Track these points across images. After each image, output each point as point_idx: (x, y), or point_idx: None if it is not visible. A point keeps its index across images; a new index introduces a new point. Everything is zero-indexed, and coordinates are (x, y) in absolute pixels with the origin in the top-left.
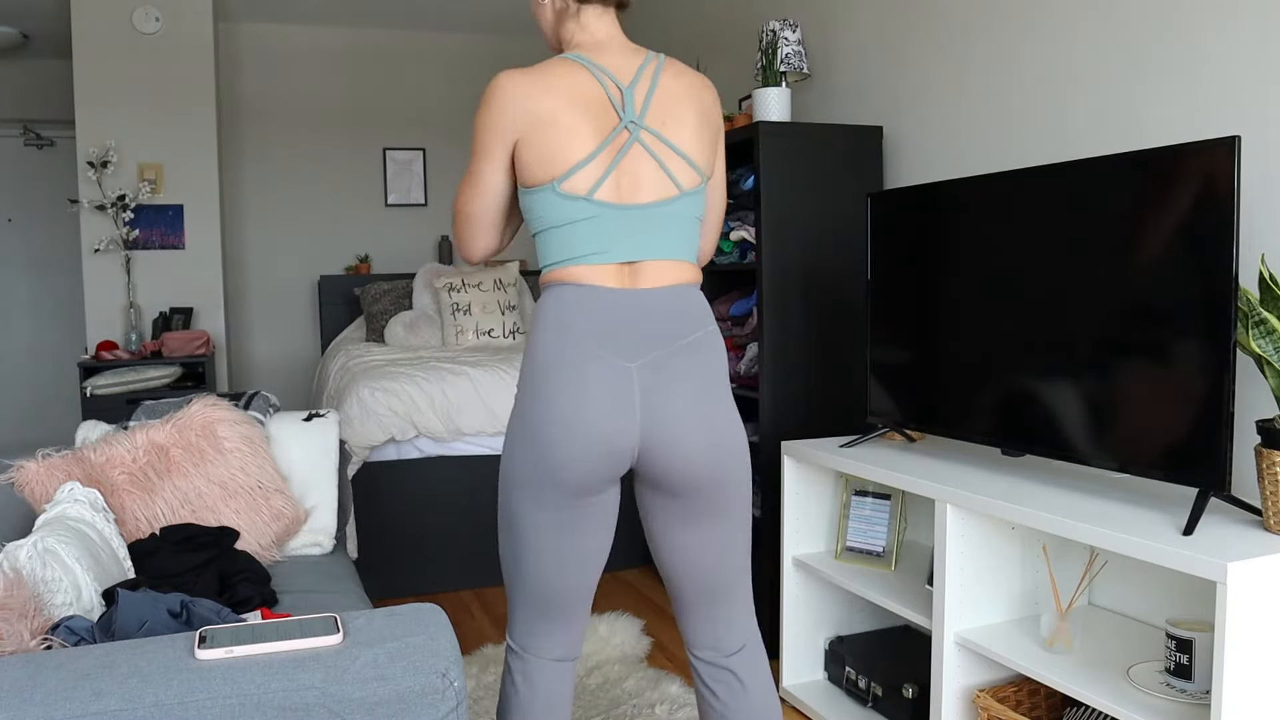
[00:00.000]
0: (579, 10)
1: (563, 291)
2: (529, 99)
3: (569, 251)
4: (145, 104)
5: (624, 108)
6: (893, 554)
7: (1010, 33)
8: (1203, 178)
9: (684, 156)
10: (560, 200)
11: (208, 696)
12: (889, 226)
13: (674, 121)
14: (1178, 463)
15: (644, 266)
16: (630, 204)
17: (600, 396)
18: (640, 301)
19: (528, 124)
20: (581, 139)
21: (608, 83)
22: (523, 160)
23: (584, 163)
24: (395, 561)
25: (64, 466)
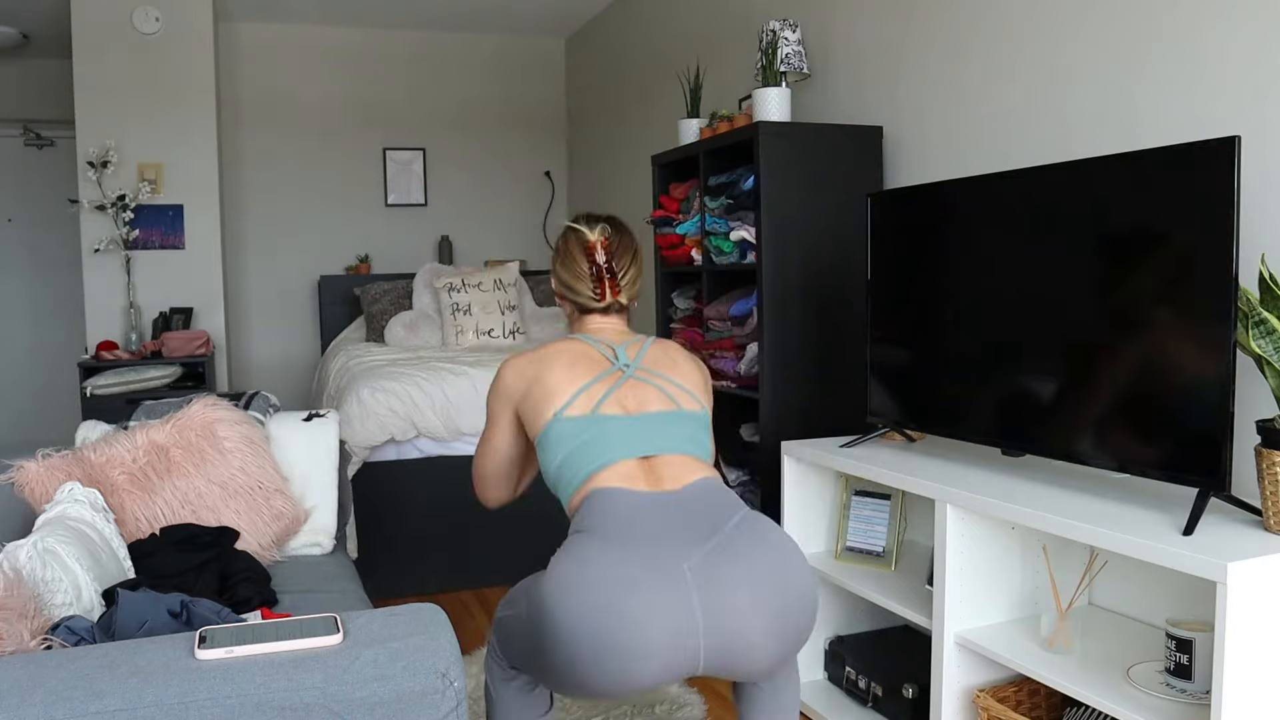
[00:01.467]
0: (582, 317)
1: (594, 500)
2: (527, 367)
3: (587, 464)
4: (145, 104)
5: (616, 359)
6: (893, 554)
7: (1010, 33)
8: (1203, 178)
9: (680, 385)
10: (568, 424)
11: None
12: (889, 226)
13: (665, 366)
14: (1178, 463)
15: (662, 463)
16: (637, 414)
17: (659, 608)
18: (673, 501)
19: (526, 385)
20: (577, 376)
21: (601, 346)
22: (527, 413)
23: (581, 390)
24: (395, 561)
25: (64, 466)
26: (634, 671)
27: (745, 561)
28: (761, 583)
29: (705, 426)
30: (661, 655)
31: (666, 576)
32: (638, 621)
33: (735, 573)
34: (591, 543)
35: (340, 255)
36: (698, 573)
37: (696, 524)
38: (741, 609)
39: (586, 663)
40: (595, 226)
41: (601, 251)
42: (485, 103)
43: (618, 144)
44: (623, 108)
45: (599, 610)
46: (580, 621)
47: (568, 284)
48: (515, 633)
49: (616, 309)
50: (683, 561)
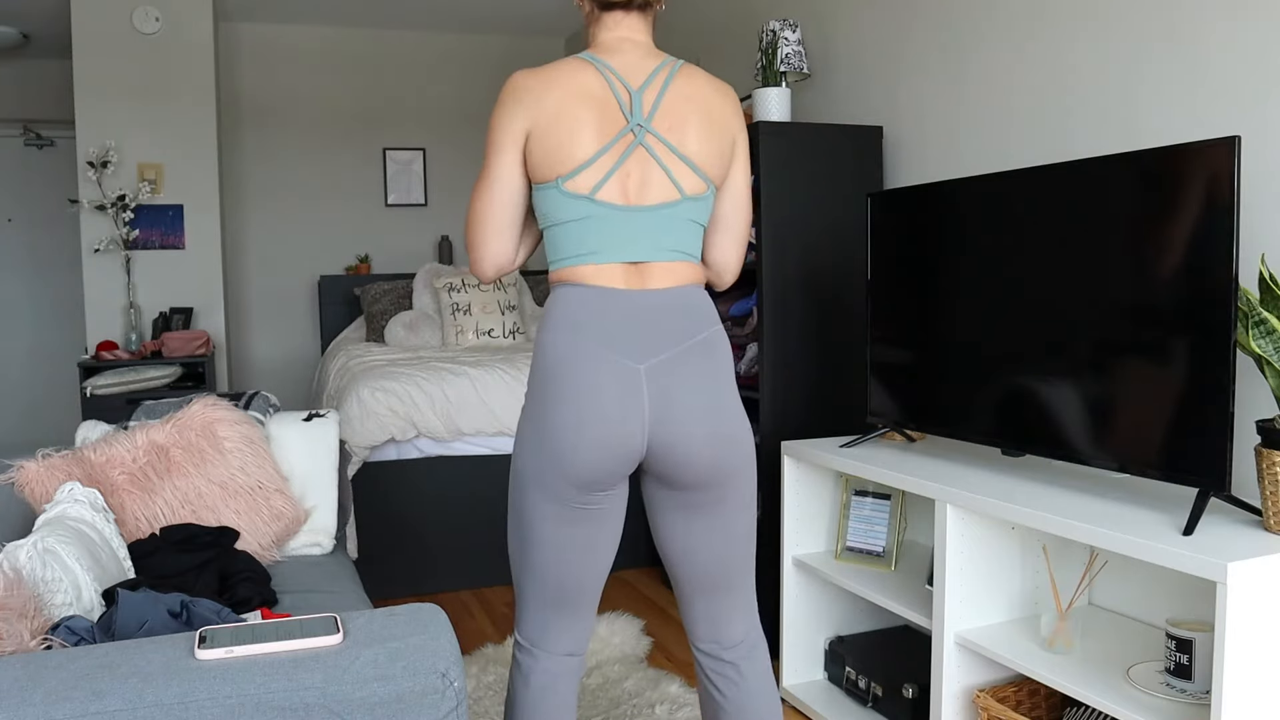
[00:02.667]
0: (600, 15)
1: (570, 292)
2: (536, 95)
3: (575, 249)
4: (145, 104)
5: (631, 110)
6: (893, 554)
7: (1010, 33)
8: (1203, 178)
9: (688, 162)
10: (564, 198)
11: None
12: (889, 226)
13: (681, 126)
14: (1178, 463)
15: (650, 267)
16: (635, 205)
17: (610, 398)
18: (647, 302)
19: (535, 120)
20: (586, 138)
21: (616, 84)
22: (532, 158)
23: (587, 163)
24: (395, 561)
25: (64, 466)
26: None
27: (691, 377)
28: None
29: (709, 208)
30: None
31: (622, 372)
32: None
33: (682, 384)
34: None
35: (340, 255)
36: (651, 373)
37: (661, 330)
38: (680, 413)
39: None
40: None
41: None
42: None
43: None
44: None
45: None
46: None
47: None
48: (511, 498)
49: (640, 4)
50: (640, 363)
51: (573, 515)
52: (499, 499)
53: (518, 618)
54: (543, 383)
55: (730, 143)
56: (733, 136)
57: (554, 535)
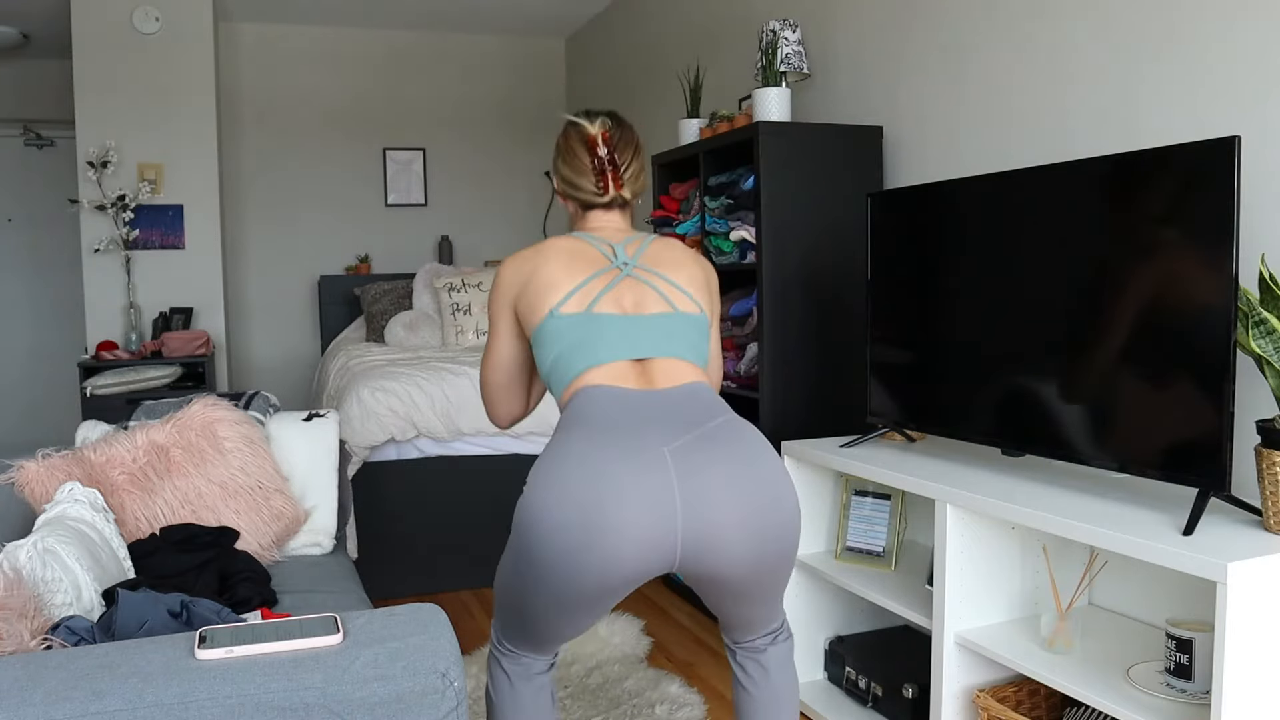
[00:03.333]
0: (584, 213)
1: (582, 395)
2: (524, 263)
3: (579, 362)
4: (145, 104)
5: (615, 256)
6: (893, 554)
7: (1010, 33)
8: (1203, 178)
9: (678, 286)
10: (562, 322)
11: (208, 696)
12: (889, 226)
13: (666, 264)
14: (1178, 463)
15: (655, 366)
16: (633, 314)
17: (638, 488)
18: (660, 399)
19: (522, 283)
20: (573, 273)
21: (599, 244)
22: (523, 310)
23: (577, 288)
24: (395, 561)
25: (64, 466)
26: (616, 555)
27: (725, 455)
28: (739, 476)
29: (704, 330)
30: (640, 536)
31: (647, 459)
32: (617, 500)
33: (714, 463)
34: (573, 434)
35: (340, 255)
36: (678, 457)
37: (682, 416)
38: (718, 498)
39: (571, 547)
40: (596, 120)
41: (603, 144)
42: (485, 103)
43: None
44: (623, 108)
45: (580, 493)
46: (562, 508)
47: (570, 180)
48: (506, 564)
49: (619, 204)
50: (663, 446)
51: (583, 607)
52: (499, 499)
53: (496, 628)
54: (559, 478)
55: (712, 291)
56: (712, 285)
57: (555, 618)
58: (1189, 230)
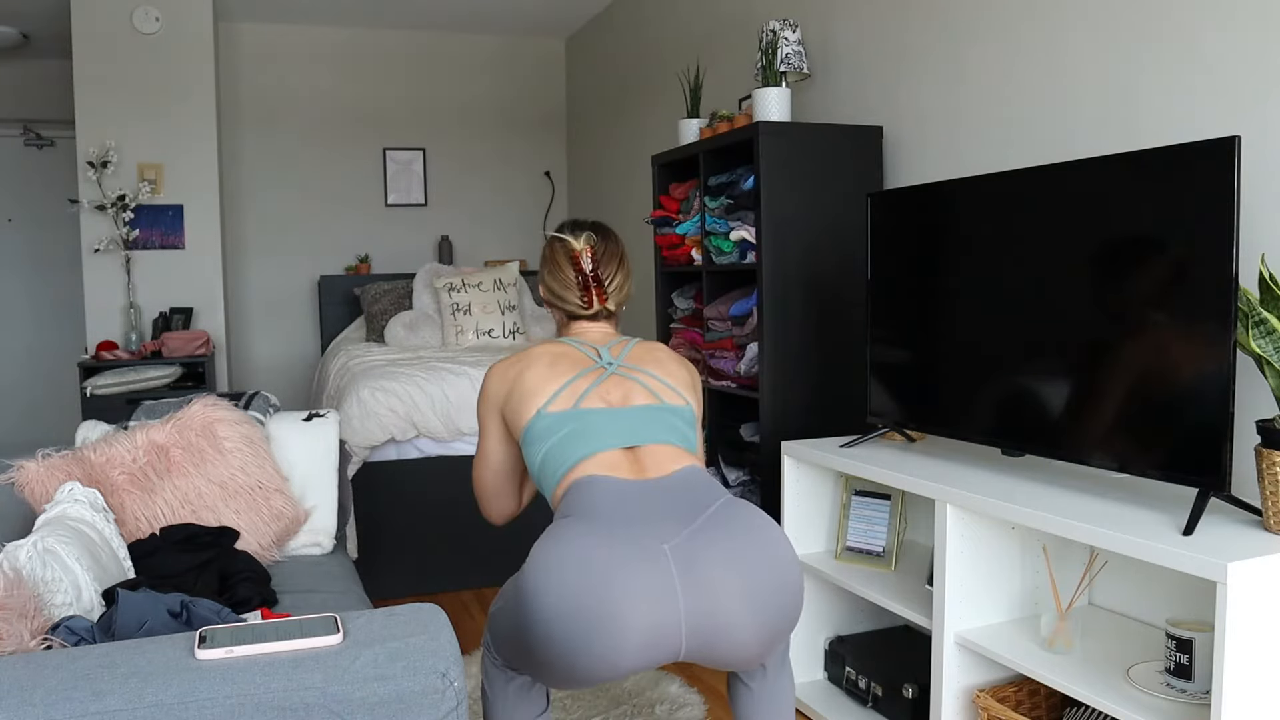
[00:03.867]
0: (570, 322)
1: (576, 488)
2: (509, 369)
3: (571, 455)
4: (145, 104)
5: (600, 357)
6: (893, 554)
7: (1010, 33)
8: (1203, 178)
9: (664, 382)
10: (550, 420)
11: (208, 696)
12: (889, 226)
13: (649, 363)
14: (1178, 463)
15: (646, 454)
16: (620, 407)
17: (639, 589)
18: (655, 488)
19: (509, 386)
20: (559, 373)
21: (585, 347)
22: (510, 414)
23: (563, 388)
24: (395, 561)
25: (64, 466)
26: (616, 651)
27: (726, 542)
28: (743, 563)
29: (691, 422)
30: (642, 634)
31: (647, 556)
32: (618, 600)
33: (716, 553)
34: (572, 526)
35: (340, 255)
36: (678, 552)
37: (678, 507)
38: (722, 589)
39: (569, 642)
40: (580, 235)
41: (588, 260)
42: (485, 103)
43: (618, 144)
44: (623, 108)
45: (579, 589)
46: (561, 602)
47: (556, 293)
48: (504, 625)
49: (604, 315)
50: (663, 542)
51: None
52: None
53: (493, 649)
54: (557, 564)
55: (696, 390)
56: (696, 386)
57: (553, 682)
58: (1189, 230)
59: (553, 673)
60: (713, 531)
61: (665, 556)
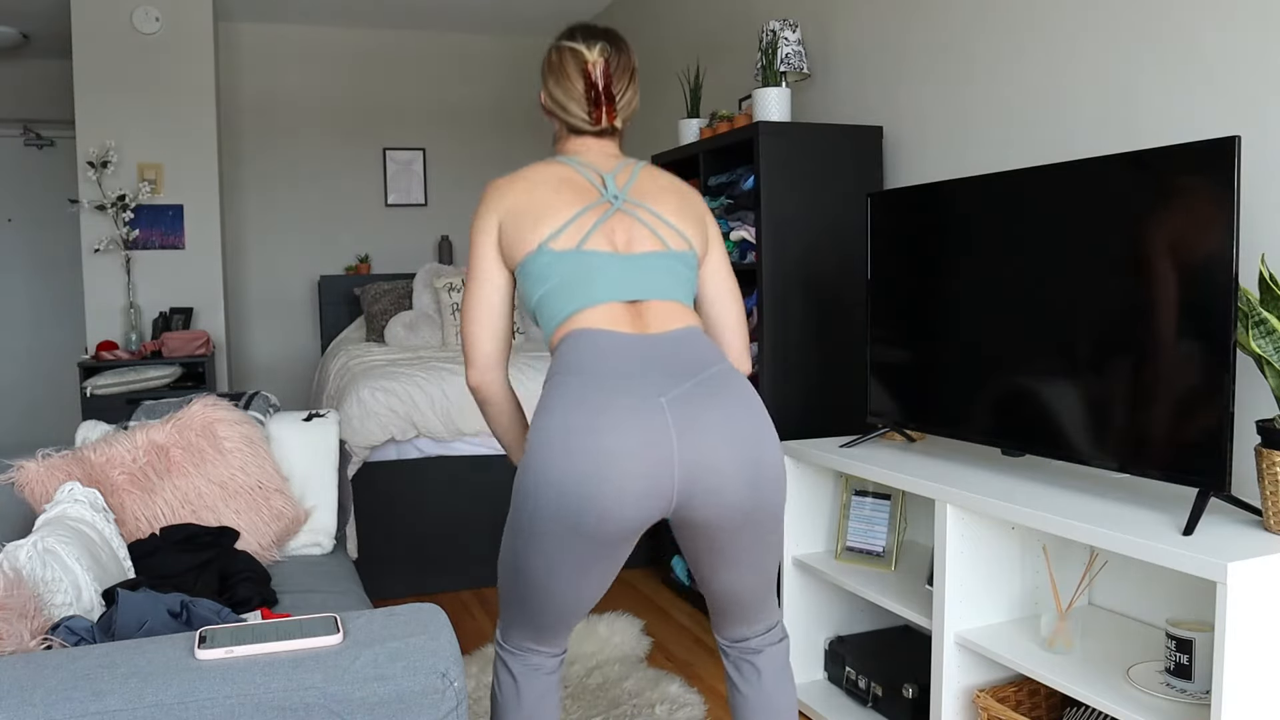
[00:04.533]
0: (569, 135)
1: (575, 339)
2: (510, 191)
3: (572, 302)
4: (145, 104)
5: (605, 187)
6: (893, 554)
7: (1010, 33)
8: (1203, 178)
9: (668, 223)
10: (553, 258)
11: (208, 696)
12: (889, 226)
13: (656, 198)
14: (1178, 463)
15: (649, 308)
16: (625, 253)
17: (636, 437)
18: (655, 344)
19: (507, 208)
20: (562, 206)
21: (589, 172)
22: (509, 238)
23: (569, 223)
24: (395, 561)
25: (64, 466)
26: (617, 503)
27: (719, 404)
28: (734, 427)
29: (693, 267)
30: (640, 486)
31: (645, 411)
32: (618, 454)
33: (711, 414)
34: (570, 384)
35: (340, 255)
36: (675, 407)
37: (677, 364)
38: (714, 447)
39: (572, 502)
40: (594, 45)
41: (600, 73)
42: (485, 103)
43: None
44: None
45: (582, 449)
46: (567, 463)
47: (560, 102)
48: (507, 540)
49: (610, 132)
50: (660, 396)
51: (585, 567)
52: (499, 499)
53: (502, 625)
54: (558, 431)
55: (704, 222)
56: (704, 217)
57: (560, 587)
58: (1189, 230)
59: (556, 542)
60: (709, 392)
61: (663, 409)
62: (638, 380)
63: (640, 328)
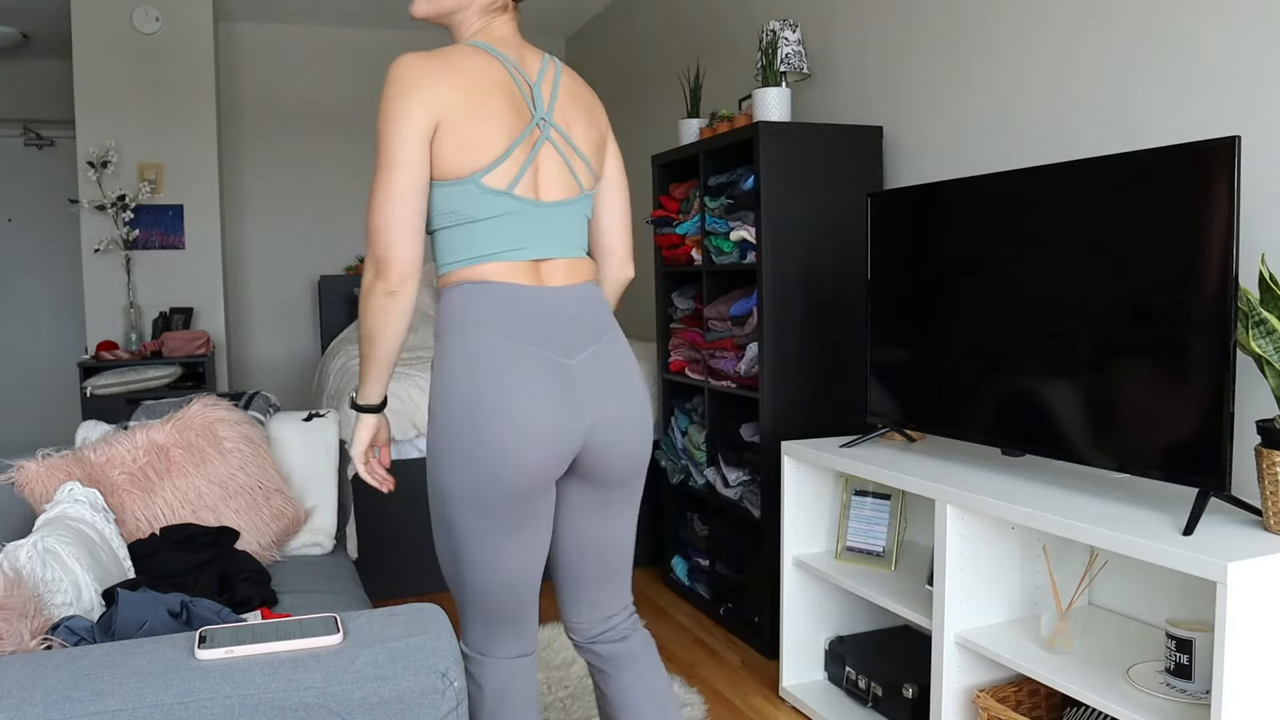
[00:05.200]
0: (485, 14)
1: (480, 290)
2: (445, 86)
3: (483, 248)
4: (145, 104)
5: (534, 104)
6: (893, 554)
7: (1010, 33)
8: (1203, 178)
9: (582, 156)
10: (482, 194)
11: (208, 696)
12: (889, 226)
13: (573, 121)
14: (1178, 463)
15: (551, 264)
16: (542, 201)
17: (550, 400)
18: (558, 300)
19: (444, 110)
20: (500, 132)
21: (518, 77)
22: (443, 150)
23: (503, 157)
24: (395, 561)
25: (64, 466)
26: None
27: (618, 371)
28: (630, 388)
29: (592, 203)
30: (555, 439)
31: (559, 372)
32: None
33: (608, 384)
34: (486, 347)
35: (340, 255)
36: (583, 369)
37: (579, 325)
38: (616, 407)
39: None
40: None
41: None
42: None
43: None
44: (623, 107)
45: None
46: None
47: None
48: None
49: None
50: (568, 358)
51: (508, 528)
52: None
53: (461, 628)
54: (468, 391)
55: (604, 138)
56: (605, 131)
57: (490, 552)
58: (1189, 230)
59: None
60: (606, 361)
61: (572, 373)
62: (547, 340)
63: (540, 280)
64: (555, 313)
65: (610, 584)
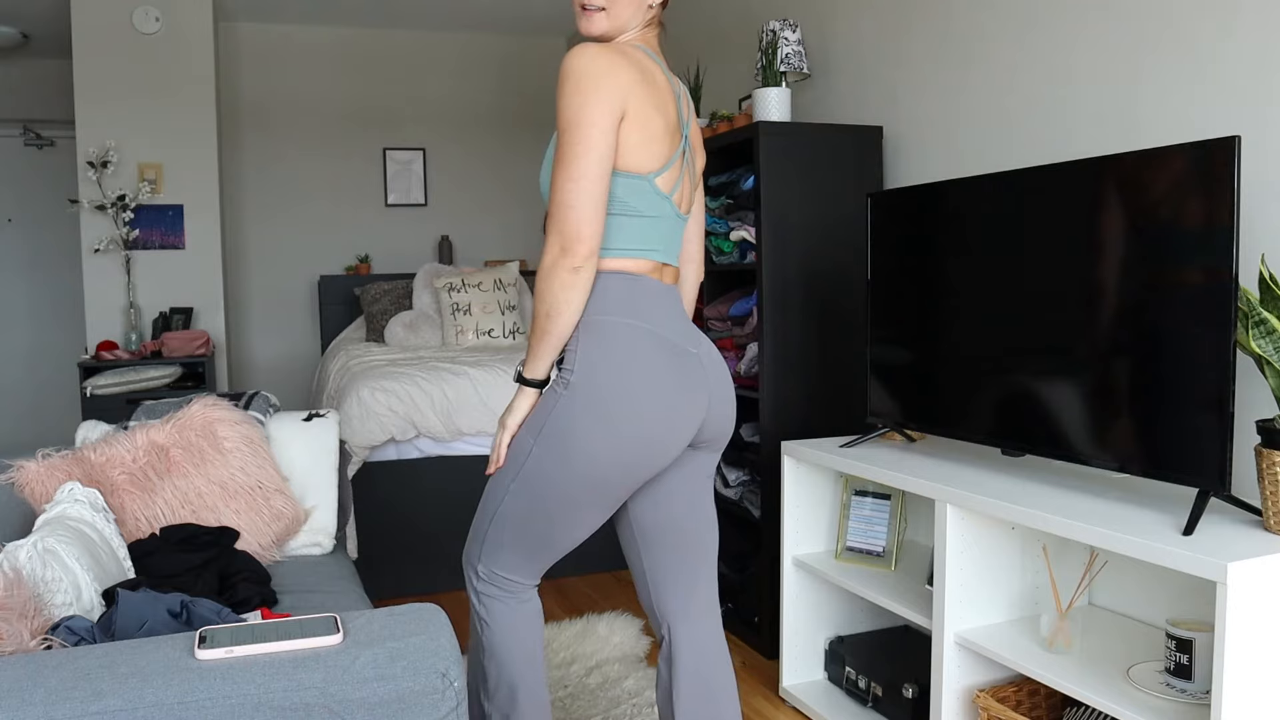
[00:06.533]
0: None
1: (632, 282)
2: (630, 78)
3: (634, 243)
4: (145, 104)
5: (681, 119)
6: (893, 554)
7: (1010, 33)
8: (1203, 178)
9: (695, 184)
10: (655, 195)
11: (208, 696)
12: (889, 226)
13: (697, 149)
14: (1178, 463)
15: (667, 268)
16: (677, 218)
17: (688, 384)
18: (675, 297)
19: (631, 100)
20: (667, 135)
21: (669, 80)
22: (628, 141)
23: (670, 164)
24: (395, 561)
25: (64, 466)
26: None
27: (715, 357)
28: (725, 373)
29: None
30: (691, 428)
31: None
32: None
33: (717, 363)
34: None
35: (340, 255)
36: (704, 359)
37: (686, 319)
38: (724, 392)
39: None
40: None
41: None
42: (486, 102)
43: None
44: None
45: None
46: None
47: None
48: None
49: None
50: (694, 348)
51: (613, 503)
52: None
53: (488, 561)
54: (623, 377)
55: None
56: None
57: (582, 527)
58: (1189, 230)
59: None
60: (708, 347)
61: (699, 360)
62: (680, 332)
63: (663, 280)
64: (679, 309)
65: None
